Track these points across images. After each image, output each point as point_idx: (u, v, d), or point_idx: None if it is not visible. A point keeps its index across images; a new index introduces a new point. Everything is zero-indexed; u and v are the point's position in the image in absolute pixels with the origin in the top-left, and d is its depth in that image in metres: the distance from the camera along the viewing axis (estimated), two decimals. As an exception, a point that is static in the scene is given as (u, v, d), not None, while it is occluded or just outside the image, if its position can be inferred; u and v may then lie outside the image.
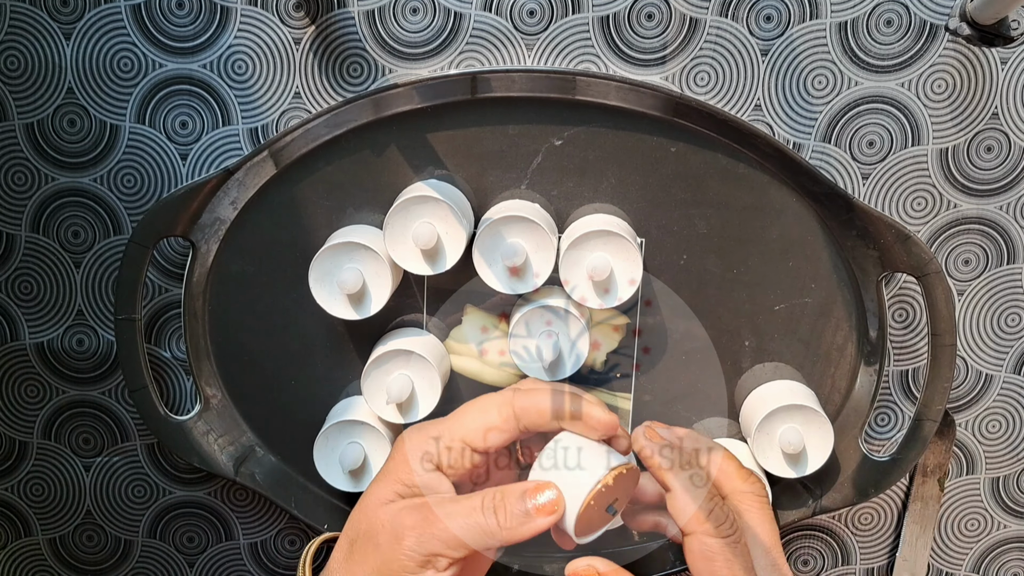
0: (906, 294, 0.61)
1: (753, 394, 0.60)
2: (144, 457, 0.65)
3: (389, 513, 0.44)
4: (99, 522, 0.66)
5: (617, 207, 0.59)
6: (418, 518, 0.43)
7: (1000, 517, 0.65)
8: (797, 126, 0.58)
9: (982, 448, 0.64)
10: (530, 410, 0.45)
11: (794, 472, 0.58)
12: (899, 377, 0.62)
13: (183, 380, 0.63)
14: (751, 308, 0.60)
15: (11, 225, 0.61)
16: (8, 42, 0.58)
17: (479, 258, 0.55)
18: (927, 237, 0.60)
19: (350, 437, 0.58)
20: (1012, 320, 0.62)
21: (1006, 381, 0.63)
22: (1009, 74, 0.57)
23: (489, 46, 0.58)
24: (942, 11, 0.56)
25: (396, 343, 0.57)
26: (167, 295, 0.62)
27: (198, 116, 0.59)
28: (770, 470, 0.58)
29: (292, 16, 0.57)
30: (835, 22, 0.57)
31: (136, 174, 0.60)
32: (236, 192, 0.58)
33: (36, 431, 0.64)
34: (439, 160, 0.58)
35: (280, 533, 0.66)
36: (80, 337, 0.63)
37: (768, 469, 0.58)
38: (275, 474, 0.62)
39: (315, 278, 0.56)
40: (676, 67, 0.58)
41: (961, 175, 0.59)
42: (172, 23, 0.58)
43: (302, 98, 0.59)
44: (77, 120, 0.59)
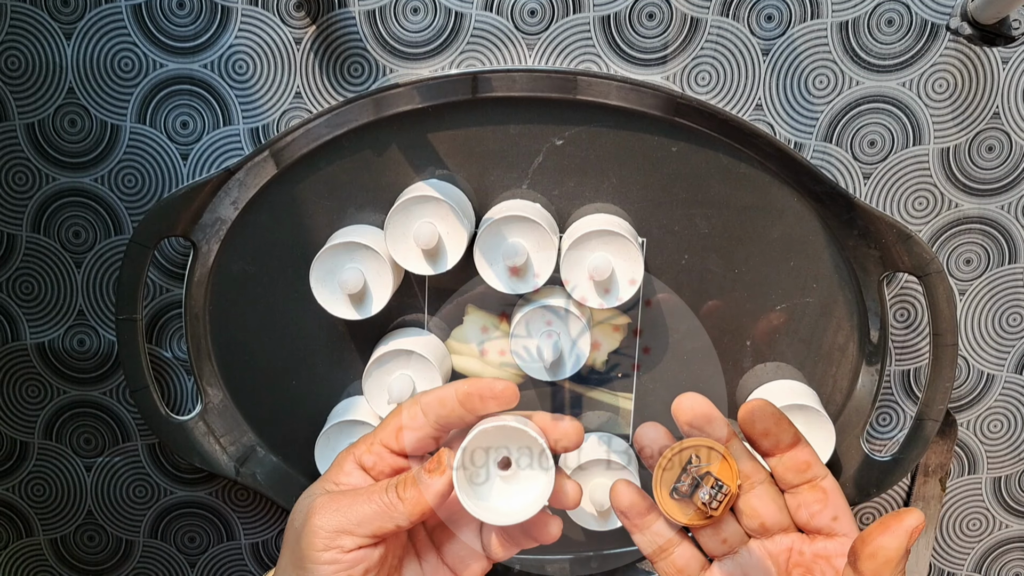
0: (907, 294, 0.61)
1: (754, 394, 0.60)
2: (145, 457, 0.65)
3: (308, 500, 0.45)
4: (100, 522, 0.66)
5: (618, 207, 0.59)
6: (327, 500, 0.44)
7: (1001, 517, 0.65)
8: (798, 126, 0.58)
9: (984, 448, 0.64)
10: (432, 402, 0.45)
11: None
12: (900, 377, 0.62)
13: (184, 380, 0.63)
14: (752, 308, 0.60)
15: (12, 225, 0.61)
16: (9, 42, 0.58)
17: (480, 258, 0.55)
18: (928, 237, 0.60)
19: (351, 437, 0.58)
20: (1013, 320, 0.62)
21: (1007, 381, 0.63)
22: (1010, 74, 0.57)
23: (490, 46, 0.58)
24: (943, 11, 0.56)
25: (397, 343, 0.58)
26: (168, 295, 0.62)
27: (199, 116, 0.59)
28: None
29: (293, 16, 0.57)
30: (836, 22, 0.57)
31: (137, 174, 0.60)
32: (237, 192, 0.58)
33: (37, 431, 0.64)
34: (440, 160, 0.58)
35: (281, 533, 0.66)
36: (81, 337, 0.63)
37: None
38: (276, 474, 0.63)
39: (316, 278, 0.56)
40: (677, 67, 0.58)
41: (962, 175, 0.59)
42: (173, 23, 0.58)
43: (303, 98, 0.59)
44: (78, 120, 0.59)
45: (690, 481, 0.44)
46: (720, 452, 0.44)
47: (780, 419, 0.44)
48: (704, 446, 0.44)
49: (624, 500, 0.45)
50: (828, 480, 0.45)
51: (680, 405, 0.45)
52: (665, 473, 0.44)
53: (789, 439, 0.44)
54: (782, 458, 0.44)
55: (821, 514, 0.44)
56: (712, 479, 0.44)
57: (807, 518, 0.44)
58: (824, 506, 0.44)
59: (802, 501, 0.44)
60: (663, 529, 0.46)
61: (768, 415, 0.44)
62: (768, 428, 0.44)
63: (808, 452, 0.44)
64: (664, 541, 0.46)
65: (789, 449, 0.44)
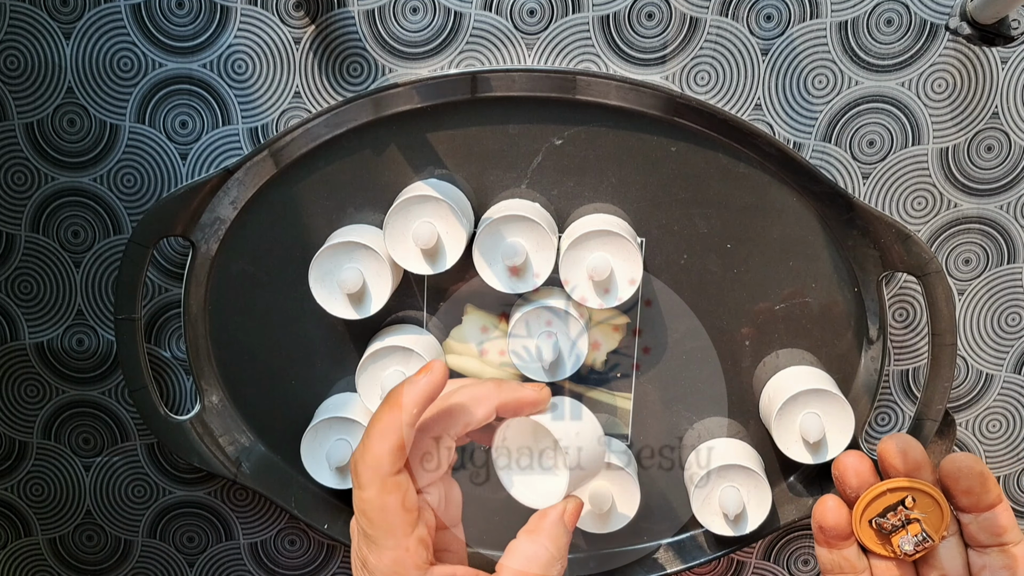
0: (906, 294, 0.61)
1: (772, 380, 0.59)
2: (144, 457, 0.65)
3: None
4: (99, 522, 0.66)
5: (617, 207, 0.59)
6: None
7: (1000, 517, 0.65)
8: (797, 125, 0.58)
9: (982, 448, 0.64)
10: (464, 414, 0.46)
11: (813, 459, 0.57)
12: (899, 377, 0.62)
13: (183, 380, 0.63)
14: (751, 308, 0.60)
15: (11, 225, 0.61)
16: (8, 42, 0.58)
17: (479, 258, 0.55)
18: (927, 237, 0.60)
19: (339, 434, 0.58)
20: (1012, 320, 0.62)
21: (1006, 381, 0.63)
22: (1009, 73, 0.57)
23: (489, 45, 0.58)
24: (942, 10, 0.56)
25: (391, 340, 0.57)
26: (167, 295, 0.62)
27: (198, 116, 0.59)
28: (793, 458, 0.58)
29: (292, 16, 0.57)
30: (835, 21, 0.57)
31: (136, 174, 0.60)
32: (236, 192, 0.58)
33: (36, 431, 0.64)
34: (439, 159, 0.58)
35: (280, 533, 0.66)
36: (80, 337, 0.63)
37: (791, 456, 0.58)
38: (275, 474, 0.62)
39: (315, 278, 0.56)
40: (676, 67, 0.58)
41: (961, 174, 0.59)
42: (172, 23, 0.58)
43: (302, 98, 0.59)
44: (77, 120, 0.59)
45: (897, 520, 0.43)
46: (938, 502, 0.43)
47: (986, 479, 0.43)
48: (923, 491, 0.43)
49: (830, 518, 0.45)
50: (1021, 547, 0.43)
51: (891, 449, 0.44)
52: (874, 503, 0.44)
53: (991, 500, 0.43)
54: (978, 517, 0.43)
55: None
56: (919, 527, 0.43)
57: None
58: (1012, 574, 0.43)
59: (988, 563, 0.43)
60: (854, 556, 0.45)
61: (975, 474, 0.43)
62: (972, 487, 0.43)
63: (1008, 516, 0.43)
64: (849, 567, 0.45)
65: (988, 510, 0.43)
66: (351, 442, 0.58)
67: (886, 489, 0.44)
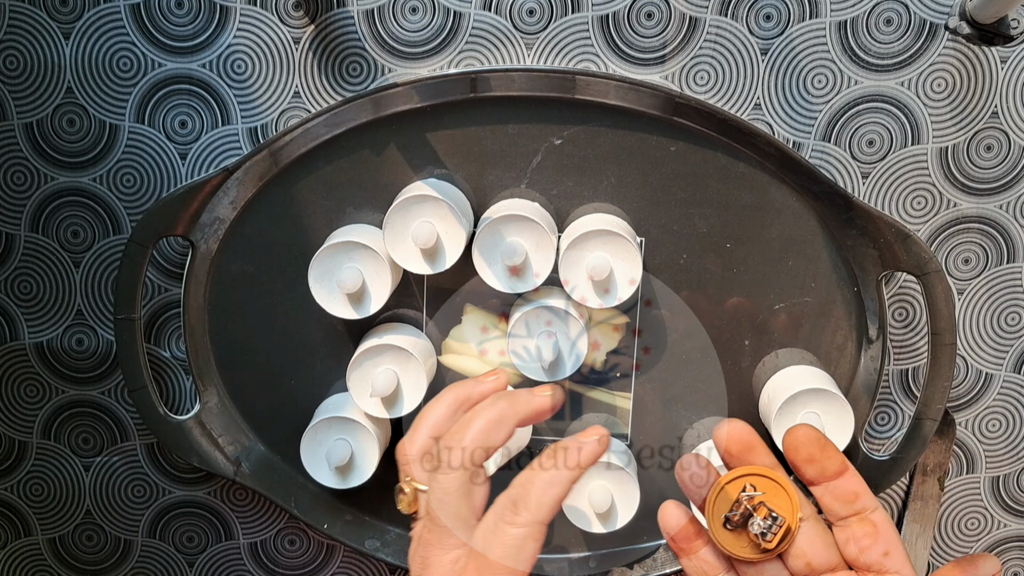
0: (906, 293, 0.61)
1: (771, 380, 0.59)
2: (144, 457, 0.65)
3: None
4: (99, 522, 0.66)
5: (617, 206, 0.59)
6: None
7: (1000, 516, 0.65)
8: (797, 125, 0.58)
9: (982, 447, 0.64)
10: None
11: None
12: (899, 376, 0.62)
13: (183, 380, 0.63)
14: (751, 307, 0.60)
15: (10, 225, 0.61)
16: (7, 42, 0.58)
17: (479, 257, 0.55)
18: (927, 236, 0.60)
19: (338, 433, 0.58)
20: (1012, 319, 0.62)
21: (1006, 380, 0.63)
22: (1009, 73, 0.57)
23: (489, 45, 0.58)
24: (942, 10, 0.56)
25: (384, 338, 0.57)
26: (167, 295, 0.62)
27: (197, 116, 0.59)
28: None
29: (291, 15, 0.57)
30: (835, 21, 0.57)
31: (136, 174, 0.60)
32: (236, 192, 0.58)
33: (36, 431, 0.64)
34: (439, 159, 0.58)
35: (280, 533, 0.66)
36: (80, 337, 0.63)
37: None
38: (275, 473, 0.62)
39: (315, 277, 0.56)
40: (676, 66, 0.58)
41: (961, 174, 0.59)
42: (171, 22, 0.58)
43: (301, 97, 0.59)
44: (76, 120, 0.59)
45: (742, 511, 0.42)
46: (778, 482, 0.42)
47: (825, 445, 0.42)
48: (760, 475, 0.42)
49: (672, 523, 0.44)
50: (879, 513, 0.42)
51: (721, 433, 0.43)
52: (719, 502, 0.42)
53: (836, 467, 0.42)
54: (828, 487, 0.42)
55: (871, 549, 0.41)
56: (766, 510, 0.41)
57: (856, 553, 0.42)
58: (874, 540, 0.41)
59: (851, 535, 0.42)
60: (710, 557, 0.43)
61: (812, 440, 0.41)
62: (813, 454, 0.41)
63: (856, 481, 0.42)
64: (710, 568, 0.44)
65: (836, 477, 0.42)
66: (351, 442, 0.58)
67: (723, 483, 0.42)
